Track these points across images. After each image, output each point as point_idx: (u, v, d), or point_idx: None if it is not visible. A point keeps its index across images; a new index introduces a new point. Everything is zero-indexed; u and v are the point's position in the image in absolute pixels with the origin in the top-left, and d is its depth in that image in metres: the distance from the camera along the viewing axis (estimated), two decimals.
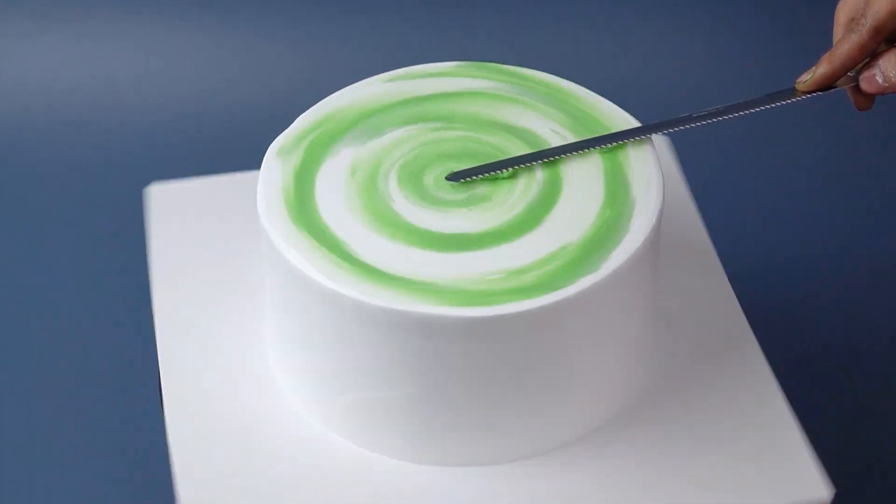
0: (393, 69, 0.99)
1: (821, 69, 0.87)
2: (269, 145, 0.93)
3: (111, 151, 1.44)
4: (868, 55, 0.86)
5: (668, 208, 1.02)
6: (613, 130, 0.93)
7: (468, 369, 0.85)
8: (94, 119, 1.46)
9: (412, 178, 0.91)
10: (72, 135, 1.45)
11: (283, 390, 0.94)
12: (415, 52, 1.45)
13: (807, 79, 0.88)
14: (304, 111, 0.96)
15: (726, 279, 0.99)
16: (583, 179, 0.90)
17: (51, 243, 1.36)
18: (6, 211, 1.40)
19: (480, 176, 0.90)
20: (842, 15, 0.88)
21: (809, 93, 0.89)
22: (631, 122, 0.93)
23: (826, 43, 0.89)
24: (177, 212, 1.04)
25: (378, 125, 0.94)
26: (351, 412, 0.90)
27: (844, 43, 0.86)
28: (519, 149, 0.93)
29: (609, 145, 0.91)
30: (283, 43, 1.50)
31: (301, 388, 0.92)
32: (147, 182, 1.41)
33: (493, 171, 0.90)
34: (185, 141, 1.45)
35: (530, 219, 0.88)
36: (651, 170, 0.90)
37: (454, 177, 0.90)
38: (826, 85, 0.88)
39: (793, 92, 0.89)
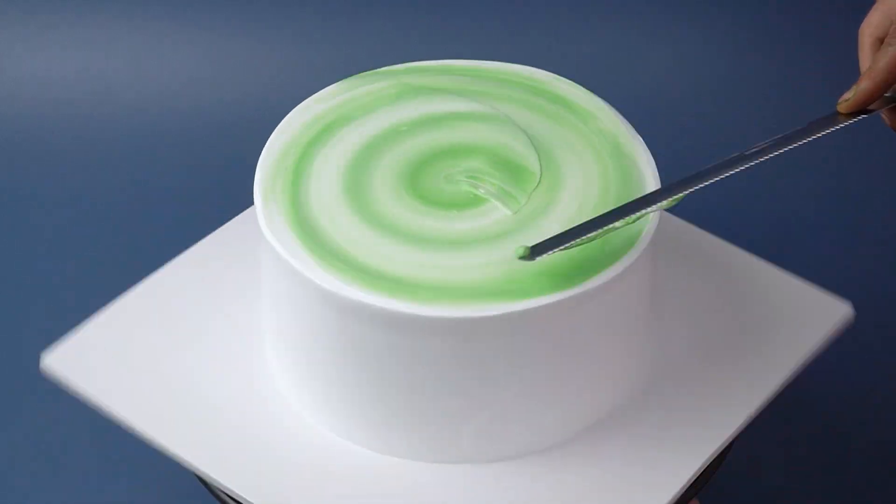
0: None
1: (863, 85, 0.86)
2: (262, 142, 0.93)
3: (110, 151, 1.44)
4: None
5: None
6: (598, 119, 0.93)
7: (450, 367, 0.85)
8: (93, 119, 1.46)
9: (410, 174, 0.91)
10: (70, 134, 1.45)
11: (287, 397, 0.94)
12: (413, 52, 1.45)
13: (849, 97, 0.86)
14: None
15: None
16: (580, 184, 0.90)
17: (48, 242, 1.37)
18: (5, 210, 1.40)
19: (559, 249, 0.84)
20: (867, 36, 0.87)
21: (852, 114, 0.87)
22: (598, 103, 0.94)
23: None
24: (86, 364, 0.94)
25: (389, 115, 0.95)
26: (339, 405, 0.90)
27: (882, 57, 0.85)
28: (526, 146, 0.92)
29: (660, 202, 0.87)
30: (281, 43, 1.50)
31: (291, 381, 0.93)
32: (146, 182, 1.41)
33: (574, 240, 0.85)
34: (184, 140, 1.45)
35: (523, 223, 0.88)
36: (650, 178, 0.90)
37: (533, 253, 0.84)
38: (868, 101, 0.86)
39: (835, 117, 0.87)
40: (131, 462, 1.19)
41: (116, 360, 0.94)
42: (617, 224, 0.85)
